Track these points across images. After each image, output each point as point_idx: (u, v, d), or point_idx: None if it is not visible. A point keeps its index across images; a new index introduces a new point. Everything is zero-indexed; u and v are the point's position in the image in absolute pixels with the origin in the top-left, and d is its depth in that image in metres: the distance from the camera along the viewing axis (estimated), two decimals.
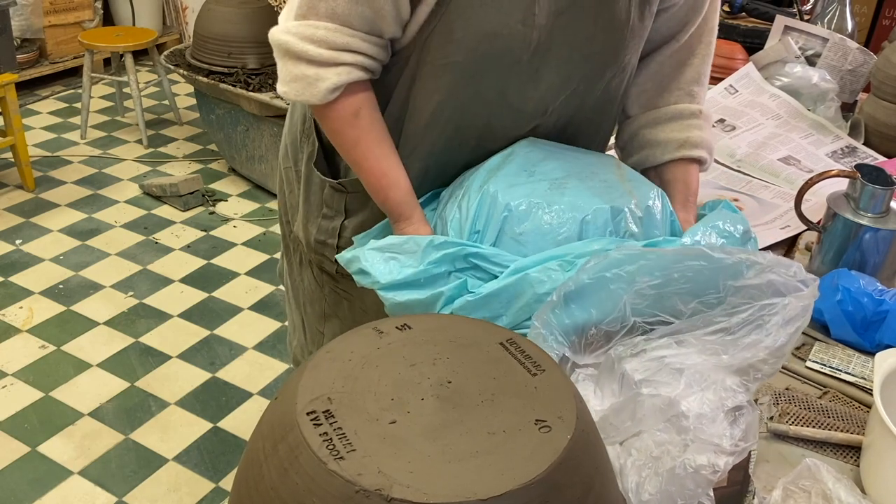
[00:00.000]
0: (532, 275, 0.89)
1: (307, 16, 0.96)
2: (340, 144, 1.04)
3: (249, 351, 2.56)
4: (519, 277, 0.89)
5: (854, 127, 1.76)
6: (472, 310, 0.90)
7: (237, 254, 3.11)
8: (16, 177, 3.49)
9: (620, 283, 0.84)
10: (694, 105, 1.16)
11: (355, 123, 1.01)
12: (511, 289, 0.89)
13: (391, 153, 1.03)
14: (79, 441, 2.17)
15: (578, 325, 0.85)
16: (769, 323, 0.80)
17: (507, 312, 0.90)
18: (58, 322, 2.65)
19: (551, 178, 1.00)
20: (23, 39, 4.26)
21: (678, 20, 1.11)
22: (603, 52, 1.04)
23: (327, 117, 1.02)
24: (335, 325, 1.29)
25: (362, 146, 1.02)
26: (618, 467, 0.74)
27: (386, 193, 1.03)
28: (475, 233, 0.97)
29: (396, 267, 0.93)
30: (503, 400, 0.61)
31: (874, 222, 1.17)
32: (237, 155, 3.54)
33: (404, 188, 1.03)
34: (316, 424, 0.57)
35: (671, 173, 1.16)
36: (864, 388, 1.03)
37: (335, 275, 1.23)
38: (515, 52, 0.99)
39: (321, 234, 1.20)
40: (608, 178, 1.03)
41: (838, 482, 0.81)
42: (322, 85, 0.97)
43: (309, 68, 0.96)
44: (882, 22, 3.13)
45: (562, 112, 1.09)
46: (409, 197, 1.04)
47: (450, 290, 0.92)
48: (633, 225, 0.98)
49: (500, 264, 0.92)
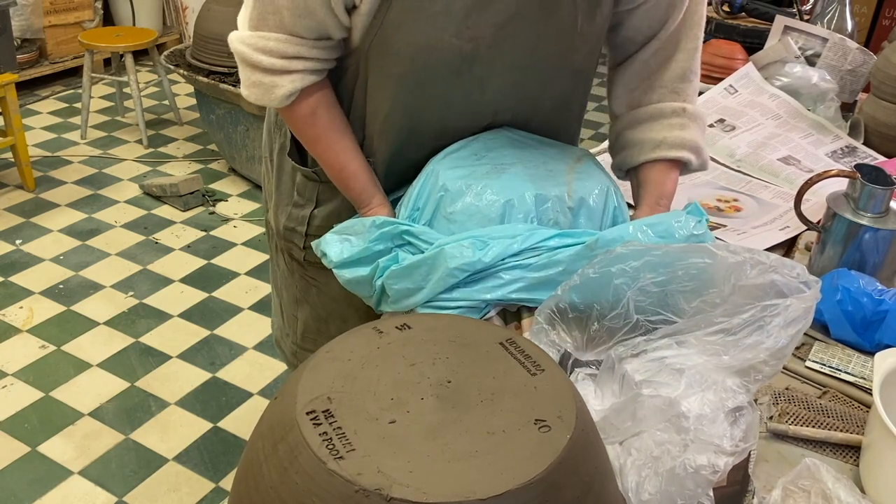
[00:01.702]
0: (446, 250, 0.94)
1: (259, 27, 1.01)
2: (303, 141, 1.12)
3: (249, 351, 2.56)
4: (436, 252, 0.95)
5: (854, 127, 1.76)
6: (398, 278, 0.97)
7: (237, 254, 3.11)
8: (16, 177, 3.49)
9: (625, 279, 0.84)
10: (677, 103, 1.14)
11: (313, 122, 1.08)
12: (429, 261, 0.95)
13: (350, 146, 1.10)
14: (79, 441, 2.17)
15: (582, 321, 0.85)
16: (770, 324, 0.79)
17: (427, 285, 0.95)
18: (58, 322, 2.65)
19: (496, 162, 1.04)
20: (23, 39, 4.27)
21: (657, 18, 1.10)
22: (550, 58, 1.06)
23: (288, 119, 1.11)
24: (306, 311, 1.33)
25: (322, 143, 1.09)
26: (618, 467, 0.74)
27: (346, 184, 1.10)
28: (416, 210, 1.04)
29: (347, 247, 1.01)
30: (503, 400, 0.61)
31: (874, 222, 1.17)
32: (237, 155, 3.54)
33: (363, 179, 1.10)
34: (316, 424, 0.57)
35: (646, 174, 1.15)
36: (863, 388, 1.03)
37: (303, 262, 1.27)
38: (453, 64, 1.02)
39: (290, 222, 1.25)
40: (556, 168, 1.05)
41: (838, 482, 0.81)
42: (278, 91, 1.03)
43: (265, 76, 1.03)
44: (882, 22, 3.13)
45: (517, 113, 1.11)
46: (369, 185, 1.10)
47: (384, 262, 0.99)
48: (561, 214, 1.00)
49: (426, 241, 0.98)
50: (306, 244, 1.24)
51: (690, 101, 1.15)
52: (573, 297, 0.85)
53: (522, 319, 0.96)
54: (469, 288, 0.94)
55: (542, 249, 0.94)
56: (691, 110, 1.14)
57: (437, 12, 0.98)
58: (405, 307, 0.98)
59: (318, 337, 1.33)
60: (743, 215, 1.49)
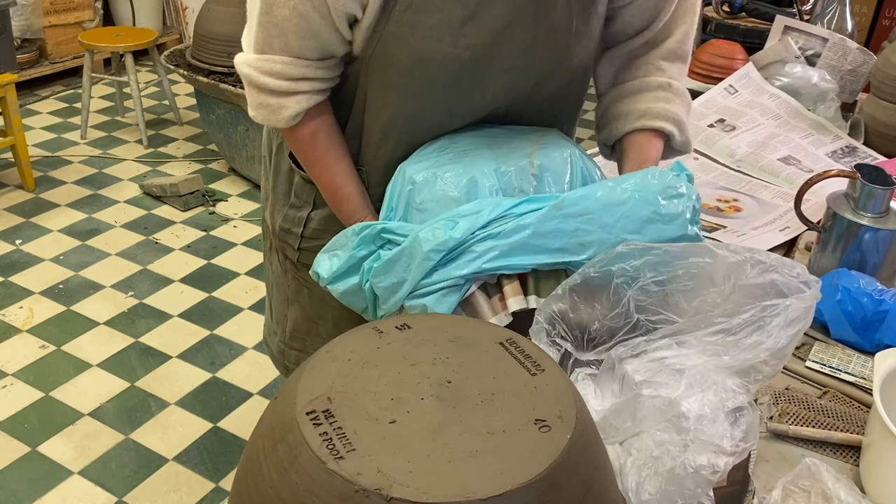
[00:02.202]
0: (420, 235, 0.95)
1: (264, 50, 1.03)
2: (302, 161, 1.14)
3: (249, 351, 2.56)
4: (411, 239, 0.95)
5: (854, 127, 1.76)
6: (381, 275, 0.97)
7: (237, 254, 3.11)
8: (16, 177, 3.49)
9: (625, 279, 0.84)
10: (663, 77, 1.14)
11: (313, 145, 1.10)
12: (407, 251, 0.96)
13: (346, 170, 1.12)
14: (79, 441, 2.17)
15: (582, 320, 0.86)
16: (771, 324, 0.79)
17: (409, 276, 0.95)
18: (58, 322, 2.65)
19: (459, 150, 1.05)
20: (23, 39, 4.26)
21: (648, 11, 1.11)
22: (546, 59, 1.07)
23: (290, 139, 1.13)
24: (296, 311, 1.33)
25: (319, 164, 1.12)
26: (618, 467, 0.74)
27: (339, 206, 1.14)
28: (390, 210, 1.05)
29: (336, 261, 1.02)
30: (503, 400, 0.61)
31: (874, 222, 1.17)
32: (237, 155, 3.54)
33: (356, 202, 1.13)
34: (316, 424, 0.57)
35: (629, 142, 1.15)
36: (863, 388, 1.03)
37: (296, 263, 1.28)
38: (451, 72, 1.03)
39: (286, 223, 1.25)
40: (519, 145, 1.06)
41: (838, 482, 0.81)
42: (284, 112, 1.05)
43: (271, 98, 1.05)
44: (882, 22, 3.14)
45: (510, 109, 1.11)
46: (360, 208, 1.13)
47: (368, 264, 0.99)
48: (525, 182, 1.01)
49: (403, 234, 0.98)
50: (301, 246, 1.24)
51: (677, 79, 1.15)
52: (573, 296, 0.85)
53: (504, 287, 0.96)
54: (445, 268, 0.94)
55: (510, 217, 0.94)
56: (677, 86, 1.14)
57: (433, 25, 0.99)
58: (395, 305, 0.98)
59: (307, 337, 1.34)
60: (743, 215, 1.49)
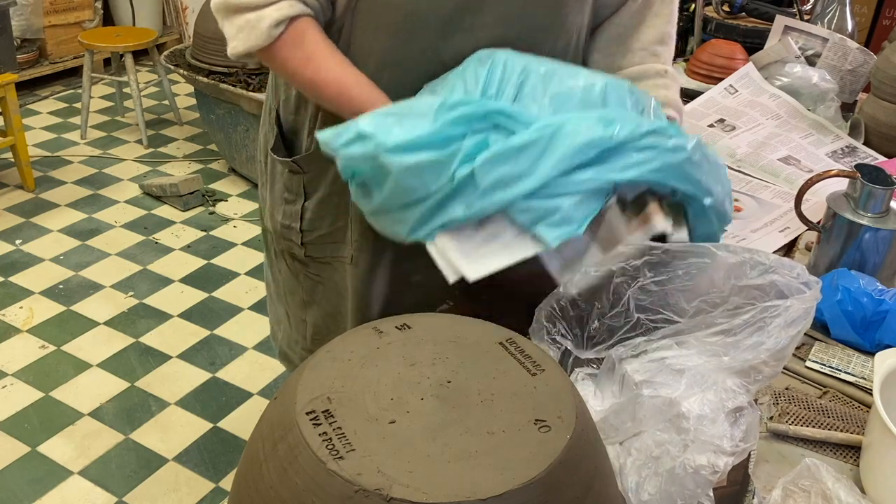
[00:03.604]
0: (567, 127, 0.82)
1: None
2: (293, 71, 1.03)
3: (249, 351, 2.56)
4: (551, 130, 0.82)
5: (854, 127, 1.76)
6: (496, 164, 0.82)
7: (237, 254, 3.11)
8: (16, 177, 3.49)
9: (625, 278, 0.84)
10: (659, 65, 1.15)
11: (302, 43, 1.01)
12: (541, 142, 0.81)
13: (344, 61, 1.02)
14: (79, 441, 2.17)
15: (582, 319, 0.86)
16: (771, 325, 0.80)
17: (536, 171, 0.82)
18: (58, 322, 2.65)
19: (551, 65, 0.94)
20: (23, 39, 4.26)
21: None
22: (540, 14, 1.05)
23: (276, 54, 1.02)
24: (315, 312, 1.32)
25: (314, 61, 1.01)
26: (618, 467, 0.74)
27: (350, 94, 1.01)
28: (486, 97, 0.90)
29: (409, 128, 0.83)
30: (503, 400, 0.61)
31: (874, 222, 1.17)
32: (237, 155, 3.54)
33: (366, 84, 1.01)
34: (315, 424, 0.57)
35: None
36: (863, 388, 1.03)
37: (304, 259, 1.27)
38: (444, 12, 1.00)
39: (286, 219, 1.25)
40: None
41: (838, 482, 0.81)
42: (263, 24, 0.98)
43: (250, 14, 0.99)
44: (882, 22, 3.14)
45: None
46: (374, 90, 1.02)
47: (468, 147, 0.83)
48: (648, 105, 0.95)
49: (526, 122, 0.83)
50: (304, 240, 1.24)
51: (668, 63, 1.17)
52: (574, 294, 0.85)
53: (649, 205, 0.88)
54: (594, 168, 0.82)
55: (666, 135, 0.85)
56: (671, 72, 1.16)
57: None
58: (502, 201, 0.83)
59: (329, 336, 1.33)
60: (743, 215, 1.49)
